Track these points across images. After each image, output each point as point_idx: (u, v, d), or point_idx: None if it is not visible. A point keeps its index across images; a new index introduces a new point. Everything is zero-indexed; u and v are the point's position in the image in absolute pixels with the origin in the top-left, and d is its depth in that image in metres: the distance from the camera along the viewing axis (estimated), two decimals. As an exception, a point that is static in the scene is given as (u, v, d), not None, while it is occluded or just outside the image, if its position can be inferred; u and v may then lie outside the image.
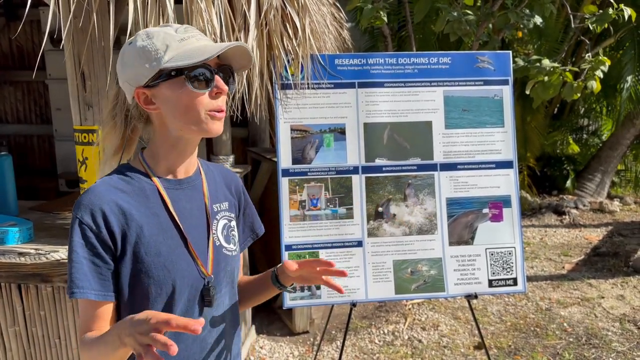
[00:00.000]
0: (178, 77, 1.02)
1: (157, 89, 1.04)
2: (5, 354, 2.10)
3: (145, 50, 1.02)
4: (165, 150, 1.11)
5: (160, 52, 1.01)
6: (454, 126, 2.48)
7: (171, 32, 1.04)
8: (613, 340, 3.41)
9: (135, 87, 1.05)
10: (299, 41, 2.04)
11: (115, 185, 1.07)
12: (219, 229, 1.19)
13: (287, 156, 2.38)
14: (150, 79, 1.03)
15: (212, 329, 1.18)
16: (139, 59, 1.02)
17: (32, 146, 4.38)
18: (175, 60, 1.01)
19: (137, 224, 1.06)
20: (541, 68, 3.22)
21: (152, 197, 1.09)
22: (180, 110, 1.04)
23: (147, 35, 1.04)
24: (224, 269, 1.18)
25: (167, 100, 1.04)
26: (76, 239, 1.03)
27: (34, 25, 4.11)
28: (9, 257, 1.92)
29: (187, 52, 1.01)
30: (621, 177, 7.45)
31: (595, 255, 4.93)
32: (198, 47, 1.03)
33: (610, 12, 3.29)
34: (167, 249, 1.08)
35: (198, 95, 1.03)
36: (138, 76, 1.03)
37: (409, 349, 3.32)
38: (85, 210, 1.03)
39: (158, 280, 1.06)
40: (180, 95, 1.03)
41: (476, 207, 2.48)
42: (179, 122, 1.05)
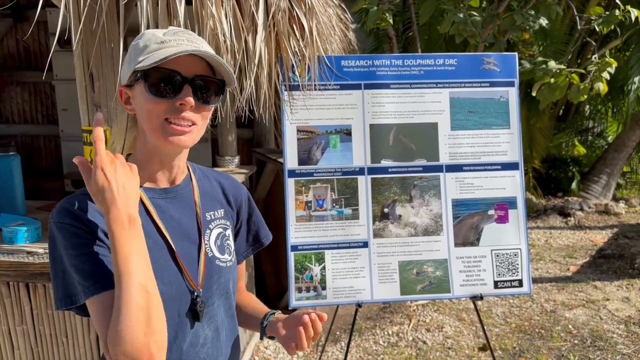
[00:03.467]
0: (141, 81, 0.99)
1: (132, 89, 1.02)
2: (14, 352, 2.12)
3: (130, 50, 1.01)
4: (146, 158, 1.06)
5: (140, 53, 0.98)
6: (460, 127, 2.48)
7: (159, 34, 1.00)
8: (618, 342, 3.40)
9: (120, 85, 1.04)
10: (305, 42, 2.05)
11: None
12: (212, 239, 1.13)
13: (294, 157, 2.39)
14: (128, 79, 1.01)
15: (206, 343, 1.12)
16: (126, 59, 1.02)
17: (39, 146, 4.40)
18: (143, 64, 0.97)
19: None
20: (547, 70, 3.22)
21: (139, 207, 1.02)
22: (144, 115, 1.00)
23: (140, 35, 1.03)
24: (217, 281, 1.12)
25: (136, 103, 1.02)
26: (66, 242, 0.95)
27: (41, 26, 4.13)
28: (18, 256, 1.94)
29: (156, 56, 0.96)
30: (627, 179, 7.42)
31: (601, 257, 4.92)
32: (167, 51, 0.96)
33: (617, 13, 3.28)
34: (153, 261, 0.99)
35: (156, 101, 0.97)
36: (123, 75, 1.03)
37: (413, 350, 3.32)
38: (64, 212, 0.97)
39: None
40: (142, 99, 0.99)
41: (482, 208, 2.48)
42: (145, 126, 1.01)
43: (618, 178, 6.87)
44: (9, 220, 2.12)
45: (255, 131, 3.83)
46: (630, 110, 6.15)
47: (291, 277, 2.36)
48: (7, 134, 4.33)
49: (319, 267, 2.37)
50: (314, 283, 2.37)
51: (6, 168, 2.28)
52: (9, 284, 2.04)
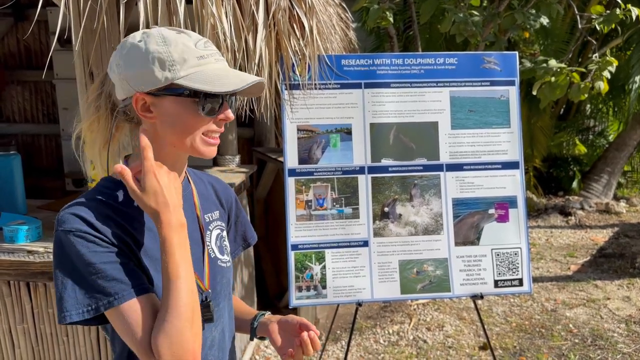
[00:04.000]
0: (189, 97, 0.95)
1: (160, 99, 0.96)
2: (14, 351, 2.12)
3: (159, 56, 0.94)
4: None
5: (177, 65, 0.94)
6: (460, 127, 2.48)
7: (190, 44, 0.97)
8: (619, 341, 3.40)
9: (136, 91, 0.97)
10: (306, 42, 2.05)
11: (104, 200, 0.99)
12: (213, 240, 1.14)
13: (294, 156, 2.39)
14: (157, 88, 0.95)
15: (214, 345, 1.12)
16: (149, 64, 0.94)
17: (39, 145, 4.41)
18: (191, 80, 0.94)
19: (135, 237, 0.99)
20: (548, 69, 3.22)
21: (141, 210, 1.01)
22: (180, 129, 0.98)
23: (164, 41, 0.96)
24: (220, 282, 1.13)
25: (168, 115, 0.97)
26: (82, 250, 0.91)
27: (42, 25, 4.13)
28: (18, 255, 1.94)
29: (206, 75, 0.95)
30: (627, 178, 7.41)
31: (601, 257, 4.92)
32: (217, 72, 0.96)
33: (618, 12, 3.28)
34: None
35: (205, 120, 0.98)
36: (143, 80, 0.95)
37: (413, 349, 3.32)
38: (73, 220, 0.93)
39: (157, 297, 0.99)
40: (185, 115, 0.97)
41: (482, 207, 2.48)
42: (175, 138, 0.99)
43: (619, 177, 6.86)
44: (10, 219, 2.12)
45: (256, 130, 3.83)
46: (631, 109, 6.15)
47: (291, 276, 2.36)
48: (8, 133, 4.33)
49: (319, 266, 2.37)
50: (314, 282, 2.37)
51: (7, 167, 2.28)
52: (10, 282, 2.04)
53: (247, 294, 3.12)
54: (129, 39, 0.99)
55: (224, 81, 0.95)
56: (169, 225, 0.93)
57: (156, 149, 1.00)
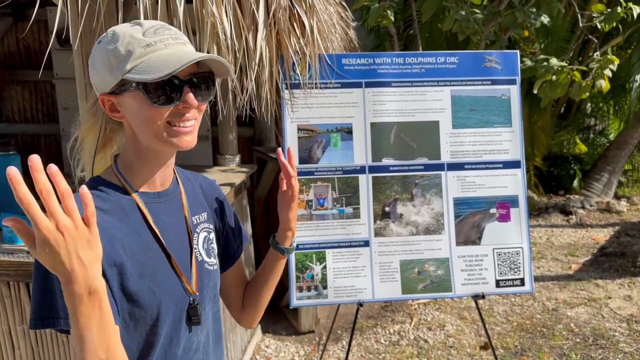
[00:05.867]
0: (138, 90, 0.94)
1: (121, 97, 0.96)
2: (14, 352, 2.11)
3: (109, 54, 0.94)
4: (140, 162, 1.03)
5: (123, 59, 0.93)
6: (461, 126, 2.47)
7: (138, 35, 0.94)
8: (620, 340, 3.39)
9: (100, 93, 0.98)
10: (306, 41, 2.04)
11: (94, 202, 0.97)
12: (200, 243, 1.13)
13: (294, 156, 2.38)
14: (114, 87, 0.95)
15: (199, 348, 1.12)
16: (103, 64, 0.94)
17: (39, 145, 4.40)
18: (136, 72, 0.92)
19: (120, 244, 0.96)
20: (549, 67, 3.21)
21: (131, 213, 1.01)
22: (143, 122, 0.96)
23: (113, 37, 0.95)
24: (207, 285, 1.12)
25: (130, 111, 0.97)
26: None
27: (41, 25, 4.12)
28: (18, 256, 1.93)
29: (149, 63, 0.92)
30: (628, 177, 7.40)
31: (602, 256, 4.91)
32: (162, 57, 0.93)
33: (619, 10, 3.27)
34: (151, 269, 0.99)
35: (160, 110, 0.95)
36: (102, 82, 0.96)
37: (415, 349, 3.32)
38: None
39: (142, 304, 0.98)
40: (142, 108, 0.95)
41: (483, 207, 2.47)
42: (143, 133, 0.98)
43: (620, 176, 6.85)
44: (9, 219, 2.11)
45: (257, 129, 3.82)
46: (632, 108, 6.14)
47: (292, 276, 2.35)
48: (8, 132, 4.33)
49: (319, 266, 2.36)
50: (315, 282, 2.36)
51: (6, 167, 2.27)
52: (9, 283, 2.03)
53: (248, 294, 3.11)
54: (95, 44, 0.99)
55: (163, 66, 0.91)
56: (72, 295, 0.78)
57: (136, 149, 1.01)
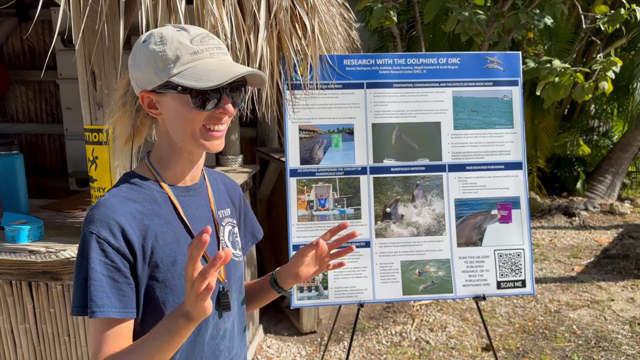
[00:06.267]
0: (183, 93, 1.00)
1: (162, 96, 1.02)
2: (16, 351, 2.12)
3: (156, 56, 0.99)
4: (173, 158, 1.09)
5: (170, 63, 0.99)
6: (463, 127, 2.47)
7: (186, 41, 1.00)
8: (623, 343, 3.38)
9: (141, 90, 1.03)
10: (308, 41, 2.05)
11: (126, 195, 1.04)
12: (226, 235, 1.18)
13: (295, 156, 2.39)
14: (157, 86, 1.01)
15: (225, 335, 1.17)
16: (149, 64, 1.00)
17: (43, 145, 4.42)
18: (183, 77, 0.98)
19: (153, 234, 1.03)
20: (552, 69, 3.20)
21: (163, 204, 1.07)
22: (180, 123, 1.02)
23: (161, 40, 1.00)
24: (233, 275, 1.18)
25: (169, 110, 1.03)
26: (93, 255, 0.97)
27: (45, 25, 4.14)
28: (20, 255, 1.94)
29: (197, 71, 0.98)
30: (632, 178, 7.37)
31: (605, 258, 4.89)
32: (210, 67, 0.99)
33: (622, 12, 3.26)
34: (183, 257, 1.05)
35: (200, 113, 1.01)
36: (145, 80, 1.02)
37: (416, 350, 3.31)
38: (101, 224, 0.98)
39: (175, 290, 1.04)
40: (182, 110, 1.01)
41: (485, 208, 2.47)
42: (179, 133, 1.04)
43: (623, 178, 6.82)
44: (12, 218, 2.12)
45: (259, 130, 3.83)
46: (635, 109, 6.11)
47: (293, 276, 2.35)
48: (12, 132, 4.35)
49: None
50: (316, 283, 2.36)
51: (9, 167, 2.28)
52: (12, 282, 2.04)
53: (249, 294, 3.12)
54: (138, 40, 1.05)
55: (211, 76, 0.98)
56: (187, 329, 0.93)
57: (170, 146, 1.07)
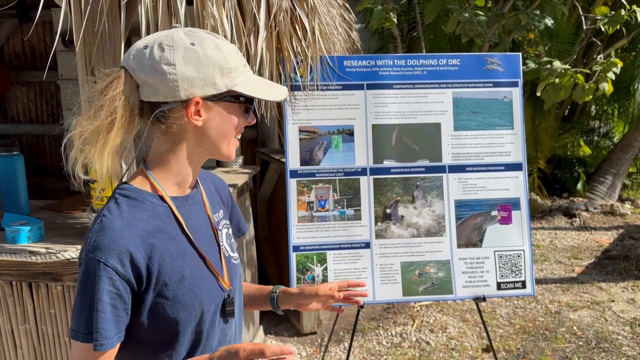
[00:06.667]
0: (240, 104, 1.02)
1: (215, 103, 1.00)
2: (16, 352, 2.12)
3: (218, 63, 0.98)
4: (181, 164, 1.04)
5: (232, 72, 0.99)
6: (463, 128, 2.47)
7: (234, 52, 1.02)
8: (623, 344, 3.38)
9: (194, 95, 0.97)
10: (308, 43, 2.05)
11: (130, 216, 0.99)
12: (224, 239, 1.17)
13: (296, 157, 2.39)
14: (214, 94, 0.99)
15: (230, 340, 1.17)
16: (210, 69, 0.97)
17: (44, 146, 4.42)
18: (244, 87, 1.00)
19: (159, 253, 1.00)
20: (552, 70, 3.20)
21: (166, 218, 1.03)
22: (224, 131, 1.03)
23: (217, 47, 0.99)
24: (235, 278, 1.17)
25: (216, 118, 1.01)
26: (101, 285, 0.94)
27: (46, 26, 4.14)
28: (20, 256, 1.94)
29: (253, 83, 1.03)
30: (633, 179, 7.36)
31: (606, 259, 4.89)
32: (258, 79, 1.05)
33: (623, 13, 3.26)
34: (190, 272, 1.04)
35: (241, 125, 1.05)
36: (203, 85, 0.97)
37: (416, 351, 3.31)
38: (109, 252, 0.94)
39: (186, 305, 1.02)
40: (231, 119, 1.03)
41: (485, 209, 2.47)
42: (215, 142, 1.03)
43: (624, 179, 6.81)
44: (12, 219, 2.12)
45: (260, 131, 3.83)
46: (636, 110, 6.11)
47: (293, 277, 2.36)
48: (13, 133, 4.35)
49: (320, 268, 2.37)
50: (316, 284, 2.36)
51: (10, 168, 2.28)
52: (12, 283, 2.04)
53: (250, 295, 3.12)
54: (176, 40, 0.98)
55: (269, 88, 1.04)
56: None
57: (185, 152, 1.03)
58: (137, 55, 0.99)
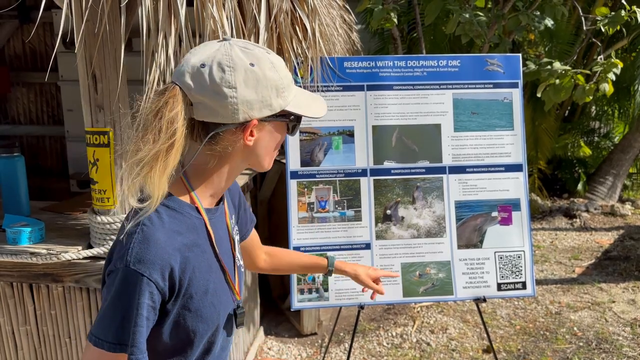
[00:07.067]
0: (290, 122, 1.03)
1: (268, 122, 1.00)
2: (17, 353, 2.13)
3: (275, 84, 0.97)
4: (222, 179, 1.05)
5: (285, 91, 0.99)
6: (463, 129, 2.47)
7: (285, 67, 1.01)
8: (624, 345, 3.38)
9: (253, 117, 0.96)
10: (308, 44, 2.05)
11: (172, 228, 0.97)
12: (237, 248, 1.17)
13: (296, 158, 2.39)
14: (270, 115, 0.98)
15: (230, 346, 1.19)
16: (268, 91, 0.96)
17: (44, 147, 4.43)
18: (295, 106, 1.01)
19: (191, 266, 1.00)
20: (552, 71, 3.20)
21: (200, 232, 1.03)
22: (271, 147, 1.04)
23: (273, 66, 0.97)
24: (241, 285, 1.18)
25: (266, 136, 1.02)
26: (143, 300, 0.92)
27: (47, 28, 4.15)
28: (21, 257, 1.95)
29: (301, 99, 1.03)
30: (633, 180, 7.36)
31: (606, 259, 4.89)
32: (306, 94, 1.05)
33: (623, 14, 3.26)
34: (213, 285, 1.05)
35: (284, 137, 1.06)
36: (261, 107, 0.96)
37: (417, 352, 3.31)
38: (153, 266, 0.93)
39: (206, 318, 1.03)
40: (278, 135, 1.03)
41: (485, 210, 2.47)
42: (260, 158, 1.04)
43: (624, 179, 6.81)
44: (13, 220, 2.12)
45: (260, 132, 3.82)
46: (636, 111, 6.11)
47: (293, 278, 2.36)
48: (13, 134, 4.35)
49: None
50: (316, 284, 2.37)
51: (10, 169, 2.29)
52: (13, 284, 2.05)
53: (250, 295, 3.12)
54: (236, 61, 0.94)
55: (312, 104, 1.04)
56: None
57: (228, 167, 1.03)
58: (195, 74, 0.94)
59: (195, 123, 0.98)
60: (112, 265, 0.96)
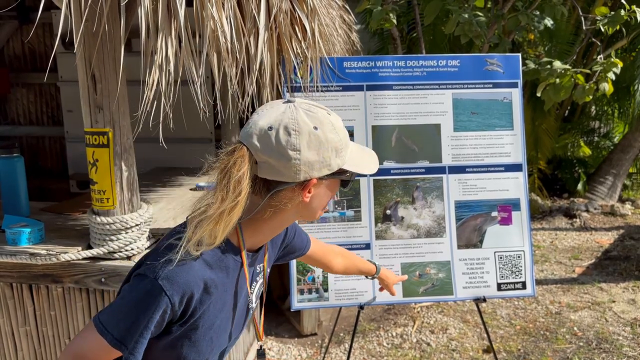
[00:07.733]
0: (344, 180, 1.06)
1: (325, 180, 1.05)
2: (16, 354, 2.12)
3: (335, 145, 1.02)
4: (274, 229, 1.10)
5: (343, 151, 1.03)
6: (463, 129, 2.47)
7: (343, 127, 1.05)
8: (624, 345, 3.38)
9: (313, 177, 1.01)
10: (308, 44, 2.05)
11: (206, 259, 1.03)
12: (255, 292, 1.20)
13: (296, 158, 2.39)
14: (328, 173, 1.03)
15: None
16: (328, 152, 1.01)
17: (44, 147, 4.43)
18: (351, 164, 1.05)
19: (208, 302, 1.04)
20: (552, 70, 3.20)
21: (232, 273, 1.08)
22: (324, 202, 1.08)
23: (334, 128, 1.02)
24: (245, 324, 1.22)
25: (321, 192, 1.06)
26: (156, 316, 0.98)
27: (46, 28, 4.15)
28: (21, 257, 1.94)
29: (355, 157, 1.06)
30: (633, 180, 7.36)
31: (606, 259, 4.89)
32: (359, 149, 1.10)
33: (622, 13, 3.26)
34: (219, 322, 1.09)
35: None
36: (321, 167, 1.01)
37: (417, 352, 3.31)
38: (178, 290, 0.98)
39: (201, 350, 1.08)
40: (331, 191, 1.08)
41: (485, 210, 2.47)
42: (313, 211, 1.08)
43: (624, 179, 6.81)
44: (13, 221, 2.12)
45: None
46: (636, 110, 6.11)
47: (293, 278, 2.36)
48: (13, 135, 4.35)
49: (320, 269, 2.36)
50: (316, 285, 2.37)
51: (10, 169, 2.28)
52: (12, 285, 2.05)
53: (250, 296, 3.12)
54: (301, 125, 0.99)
55: (366, 158, 1.09)
56: None
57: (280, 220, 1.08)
58: (262, 136, 0.99)
59: (258, 179, 1.03)
60: (142, 269, 1.01)
